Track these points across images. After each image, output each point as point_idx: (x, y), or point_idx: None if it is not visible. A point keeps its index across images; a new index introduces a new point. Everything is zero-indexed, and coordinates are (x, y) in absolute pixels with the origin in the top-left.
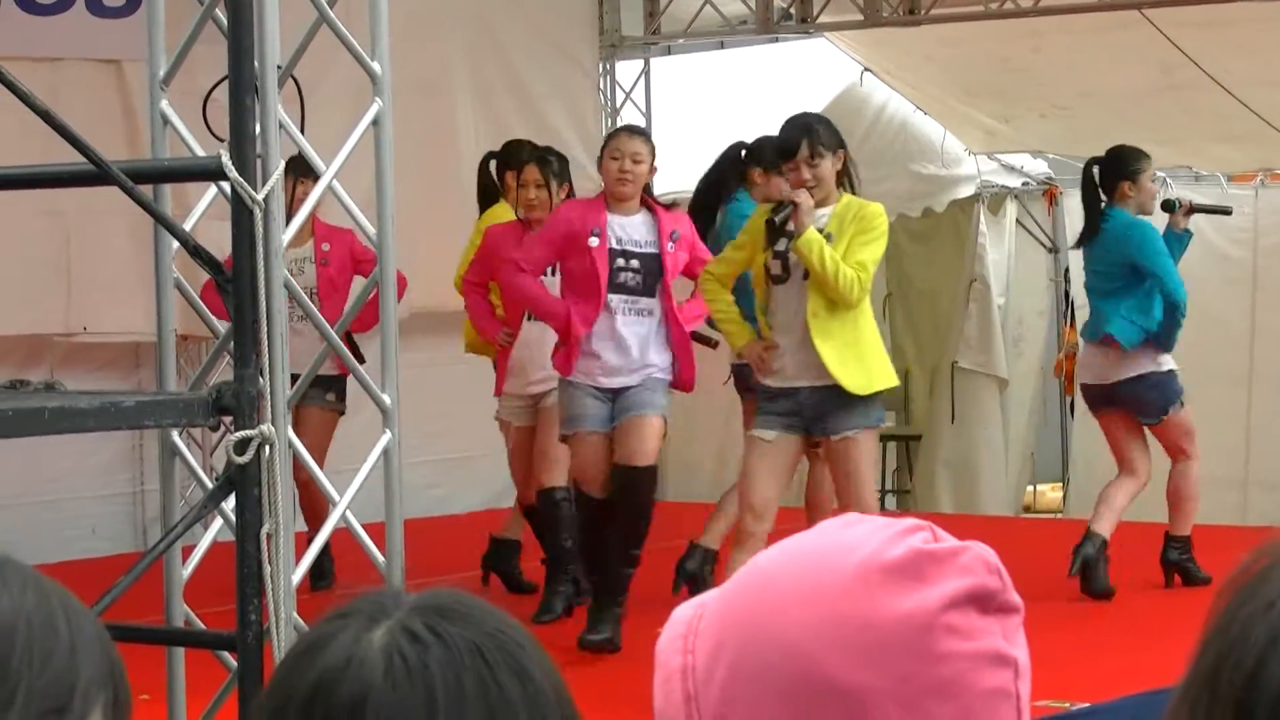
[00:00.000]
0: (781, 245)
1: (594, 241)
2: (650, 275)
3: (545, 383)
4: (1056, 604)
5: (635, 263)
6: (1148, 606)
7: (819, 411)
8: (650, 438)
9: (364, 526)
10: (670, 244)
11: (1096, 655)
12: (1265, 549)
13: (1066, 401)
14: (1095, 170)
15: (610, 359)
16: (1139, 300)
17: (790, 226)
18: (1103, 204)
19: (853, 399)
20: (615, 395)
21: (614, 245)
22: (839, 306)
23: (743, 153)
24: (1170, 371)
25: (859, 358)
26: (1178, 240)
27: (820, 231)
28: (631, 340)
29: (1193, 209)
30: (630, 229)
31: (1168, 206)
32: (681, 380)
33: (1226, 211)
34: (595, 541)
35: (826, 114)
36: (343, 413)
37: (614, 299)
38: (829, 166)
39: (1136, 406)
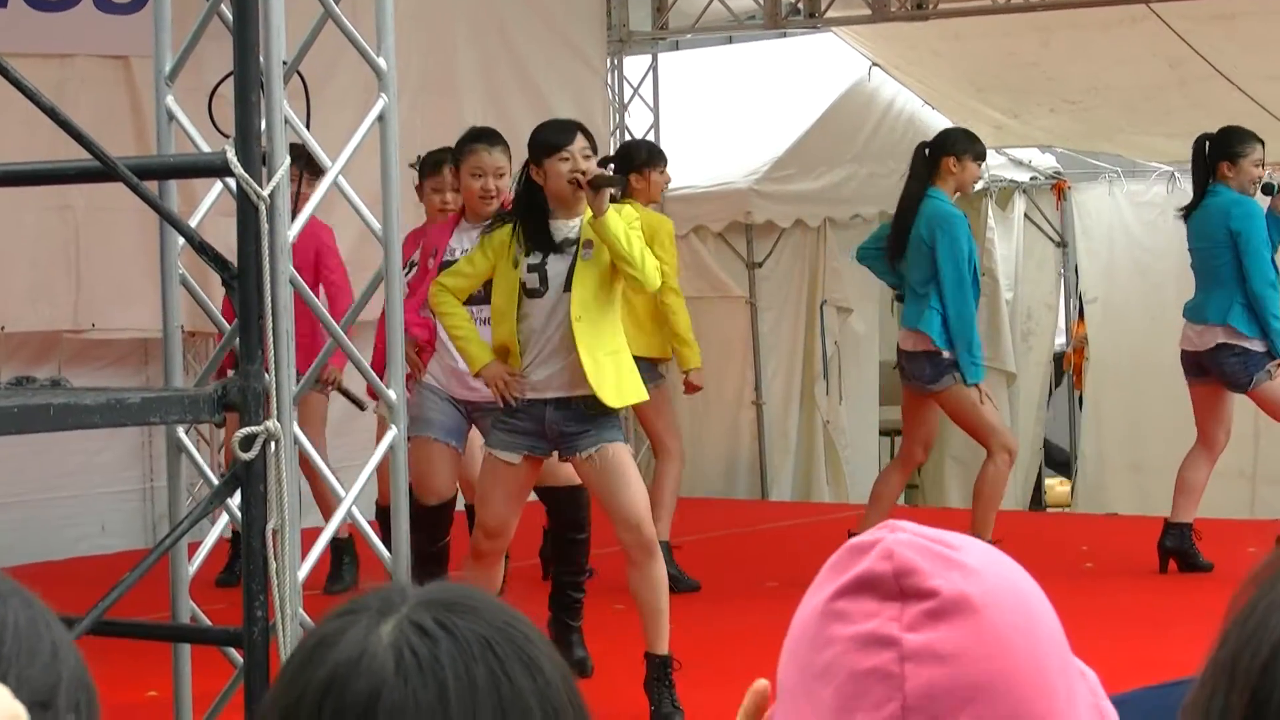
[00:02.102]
0: (536, 258)
1: (431, 264)
2: None
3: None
4: (1065, 597)
5: None
6: (1162, 598)
7: (565, 430)
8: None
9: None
10: None
11: (1109, 646)
12: None
13: (1075, 395)
14: (1206, 144)
15: (463, 369)
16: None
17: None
18: (1209, 181)
19: (597, 415)
20: (471, 409)
21: (449, 259)
22: (606, 316)
23: (926, 150)
24: (1254, 351)
25: (616, 369)
26: (1276, 223)
27: (576, 241)
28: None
29: None
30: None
31: (1268, 189)
32: None
33: None
34: (429, 552)
35: (835, 109)
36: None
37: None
38: (594, 164)
39: (1224, 377)
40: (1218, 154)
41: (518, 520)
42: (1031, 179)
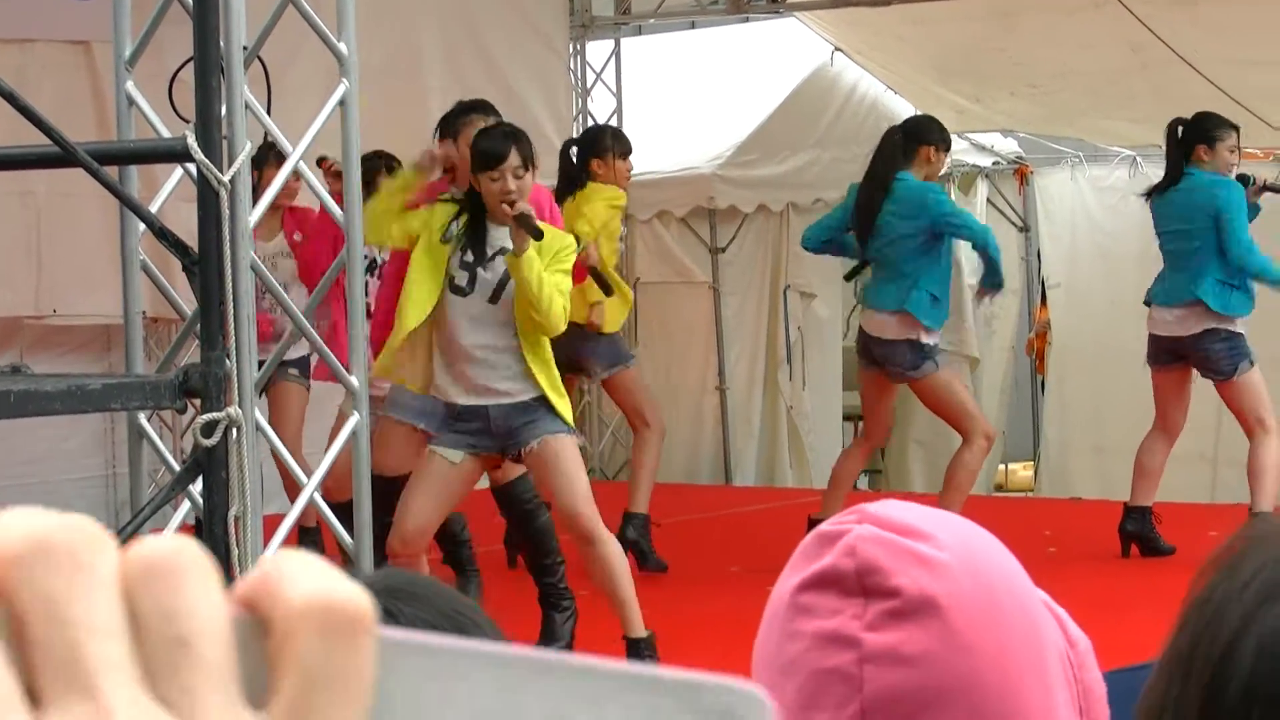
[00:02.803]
0: (470, 257)
1: None
2: None
3: None
4: (1035, 582)
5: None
6: (1124, 582)
7: (509, 427)
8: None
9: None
10: None
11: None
12: (1247, 529)
13: (1038, 380)
14: (1180, 129)
15: None
16: (1222, 261)
17: (487, 246)
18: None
19: (538, 408)
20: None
21: None
22: (536, 337)
23: (900, 134)
24: (1240, 334)
25: (549, 371)
26: (1251, 213)
27: (499, 253)
28: None
29: (1265, 187)
30: None
31: (1242, 180)
32: None
33: None
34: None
35: (798, 94)
36: (308, 389)
37: None
38: (529, 182)
39: (1205, 363)
40: (1195, 137)
41: (437, 526)
42: (994, 164)
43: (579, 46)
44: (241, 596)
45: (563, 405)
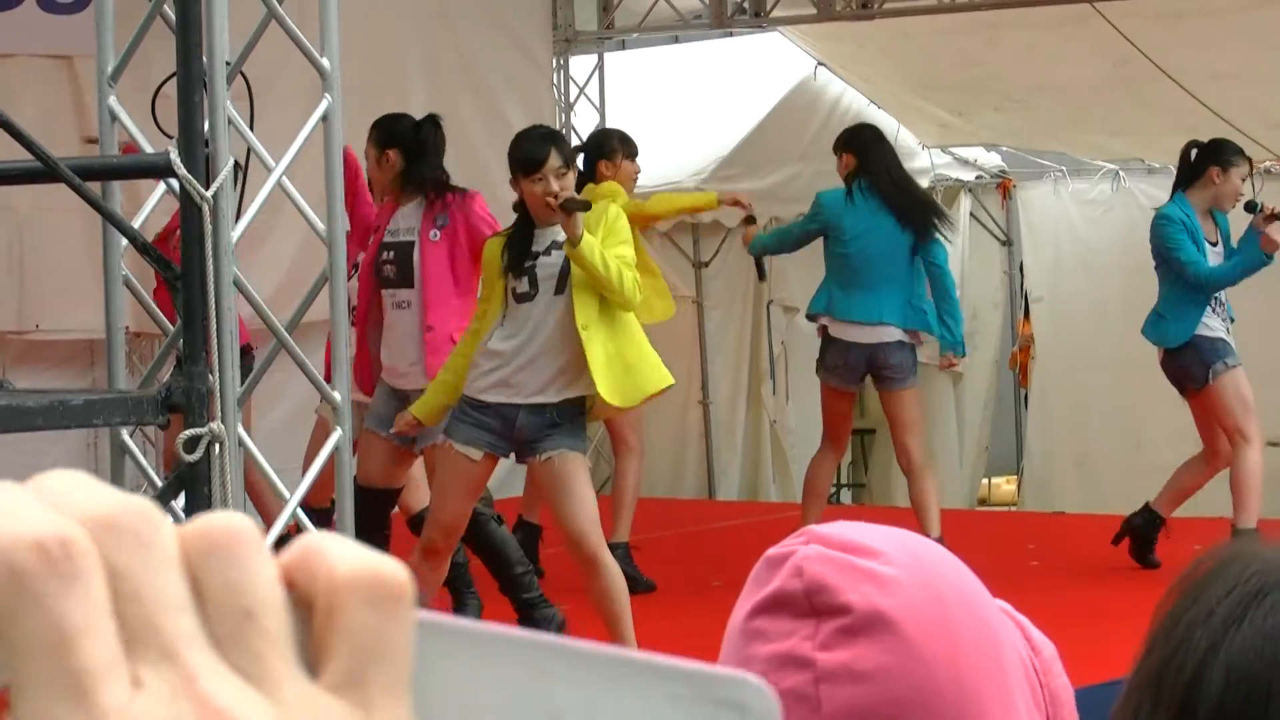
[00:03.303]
0: (529, 262)
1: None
2: (405, 265)
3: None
4: (1010, 595)
5: (391, 253)
6: (1107, 595)
7: (531, 435)
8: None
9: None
10: (434, 231)
11: (1058, 648)
12: (1211, 552)
13: (1020, 394)
14: (1193, 151)
15: (385, 355)
16: (1170, 293)
17: (535, 246)
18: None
19: (563, 423)
20: (405, 397)
21: (385, 238)
22: (607, 316)
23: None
24: (1210, 333)
25: (626, 368)
26: (1256, 258)
27: (552, 246)
28: (392, 336)
29: (1275, 215)
30: (401, 218)
31: (1250, 207)
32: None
33: None
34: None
35: (781, 108)
36: None
37: (383, 292)
38: (571, 180)
39: (1180, 375)
40: (1211, 158)
41: (467, 520)
42: (977, 178)
43: (562, 61)
44: (281, 571)
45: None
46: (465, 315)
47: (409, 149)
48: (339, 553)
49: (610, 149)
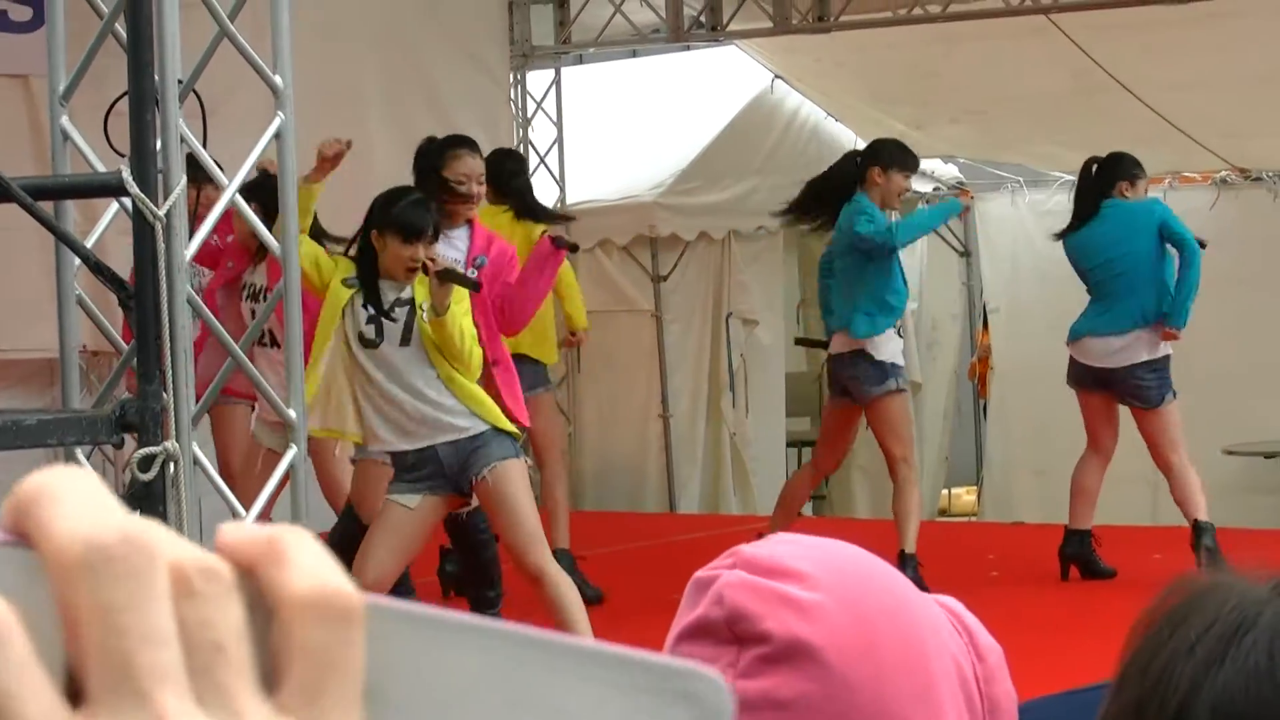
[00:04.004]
0: (371, 310)
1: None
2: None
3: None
4: (970, 606)
5: None
6: (1066, 605)
7: (460, 462)
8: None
9: None
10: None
11: (1013, 654)
12: (1182, 583)
13: (980, 404)
14: (1094, 167)
15: None
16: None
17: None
18: (1099, 201)
19: (487, 438)
20: None
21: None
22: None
23: (859, 157)
24: (1167, 357)
25: (480, 398)
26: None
27: (410, 301)
28: None
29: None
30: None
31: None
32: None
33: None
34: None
35: (739, 121)
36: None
37: None
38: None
39: (1135, 392)
40: (1117, 174)
41: (397, 574)
42: (935, 189)
43: (519, 76)
44: (243, 560)
45: (504, 421)
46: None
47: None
48: (298, 564)
49: (508, 172)
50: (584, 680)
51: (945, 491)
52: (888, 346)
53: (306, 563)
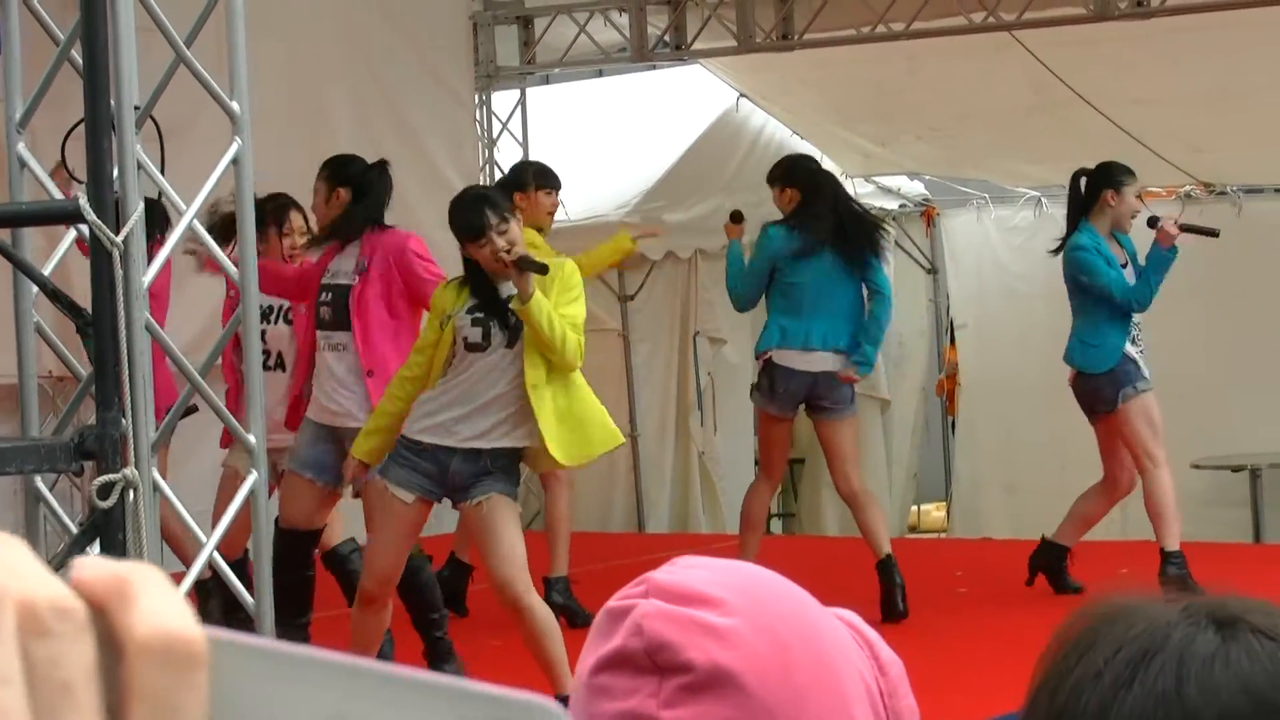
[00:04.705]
0: (479, 313)
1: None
2: (341, 308)
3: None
4: (937, 622)
5: (329, 295)
6: (1033, 620)
7: (464, 480)
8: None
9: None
10: (355, 276)
11: (980, 670)
12: (1090, 608)
13: (948, 421)
14: (1082, 180)
15: (320, 396)
16: (1090, 320)
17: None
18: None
19: (496, 469)
20: (338, 438)
21: (324, 279)
22: (556, 374)
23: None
24: (1125, 356)
25: (576, 425)
26: (1163, 258)
27: (510, 299)
28: (328, 378)
29: (1182, 228)
30: (339, 261)
31: (1152, 223)
32: None
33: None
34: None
35: (704, 139)
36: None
37: (318, 334)
38: (516, 230)
39: (1093, 396)
40: (1103, 183)
41: (403, 565)
42: (901, 206)
43: (484, 97)
44: (95, 599)
45: (553, 450)
46: (404, 356)
47: (358, 190)
48: (143, 606)
49: (523, 181)
50: (426, 713)
51: (915, 508)
52: None
53: (152, 605)
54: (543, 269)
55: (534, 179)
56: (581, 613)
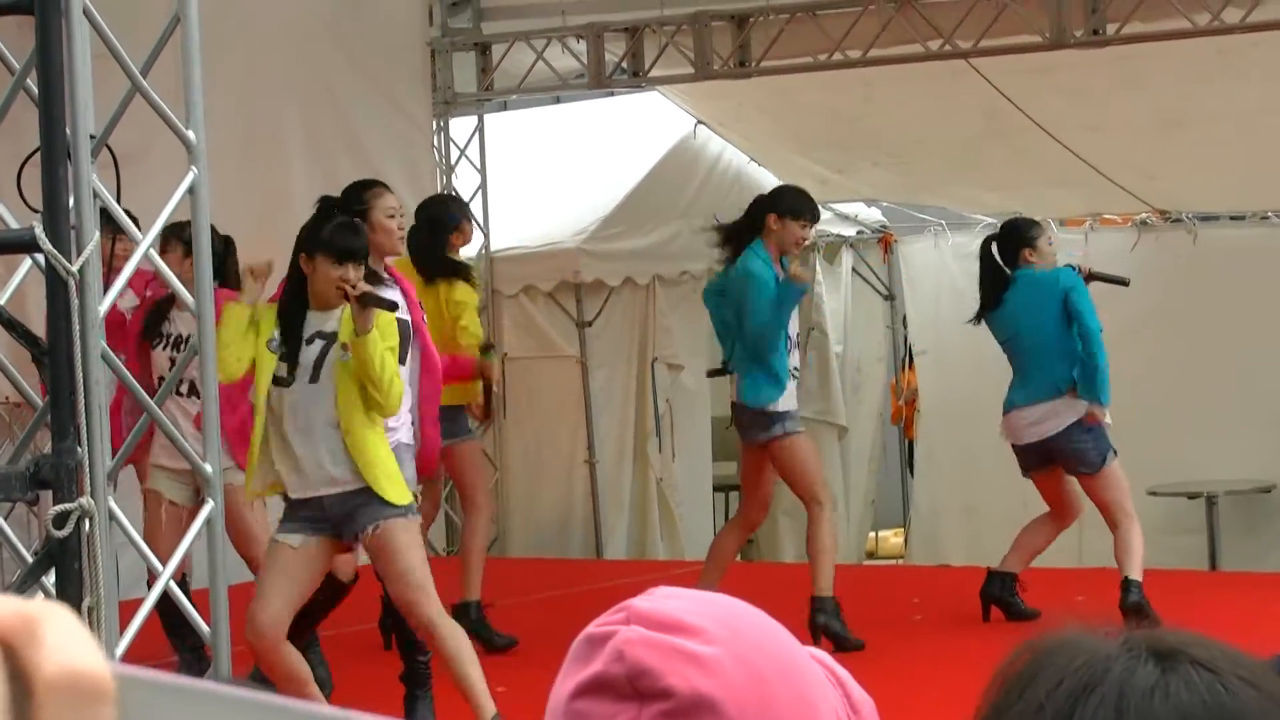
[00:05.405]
0: (283, 348)
1: None
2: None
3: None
4: (893, 647)
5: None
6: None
7: (343, 513)
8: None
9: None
10: None
11: (936, 694)
12: (1031, 643)
13: (905, 447)
14: (994, 245)
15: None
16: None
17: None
18: (1008, 273)
19: (368, 495)
20: None
21: None
22: (371, 419)
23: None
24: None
25: (389, 473)
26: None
27: (330, 335)
28: None
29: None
30: None
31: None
32: None
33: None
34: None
35: (662, 166)
36: None
37: None
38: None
39: (1075, 457)
40: (1017, 243)
41: (291, 613)
42: (858, 233)
43: (442, 123)
44: (3, 637)
45: (392, 487)
46: None
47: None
48: (51, 644)
49: (458, 219)
50: None
51: (872, 534)
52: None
53: (58, 642)
54: (389, 304)
55: (461, 212)
56: (498, 636)
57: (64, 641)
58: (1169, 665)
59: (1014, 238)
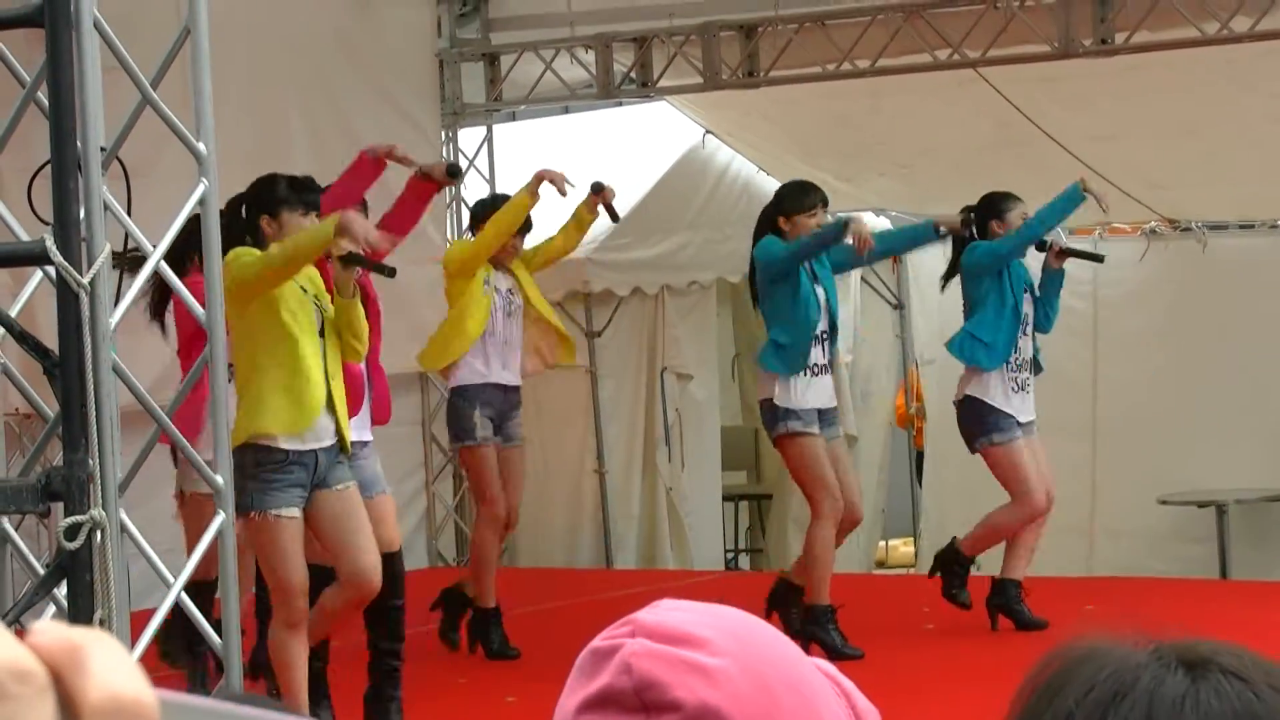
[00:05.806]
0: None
1: None
2: None
3: None
4: (905, 657)
5: None
6: (1000, 656)
7: (323, 472)
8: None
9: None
10: None
11: (947, 705)
12: (1059, 651)
13: (915, 455)
14: (971, 214)
15: None
16: (981, 315)
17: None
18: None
19: (353, 456)
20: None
21: None
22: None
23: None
24: (969, 399)
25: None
26: (1051, 279)
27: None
28: None
29: (1063, 252)
30: None
31: (1040, 246)
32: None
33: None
34: None
35: (670, 176)
36: None
37: None
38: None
39: (961, 432)
40: (987, 215)
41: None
42: None
43: (451, 134)
44: (51, 663)
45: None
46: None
47: None
48: (96, 671)
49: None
50: None
51: (882, 543)
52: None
53: (104, 669)
54: (390, 272)
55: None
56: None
57: (109, 668)
58: (1199, 674)
59: (986, 208)
